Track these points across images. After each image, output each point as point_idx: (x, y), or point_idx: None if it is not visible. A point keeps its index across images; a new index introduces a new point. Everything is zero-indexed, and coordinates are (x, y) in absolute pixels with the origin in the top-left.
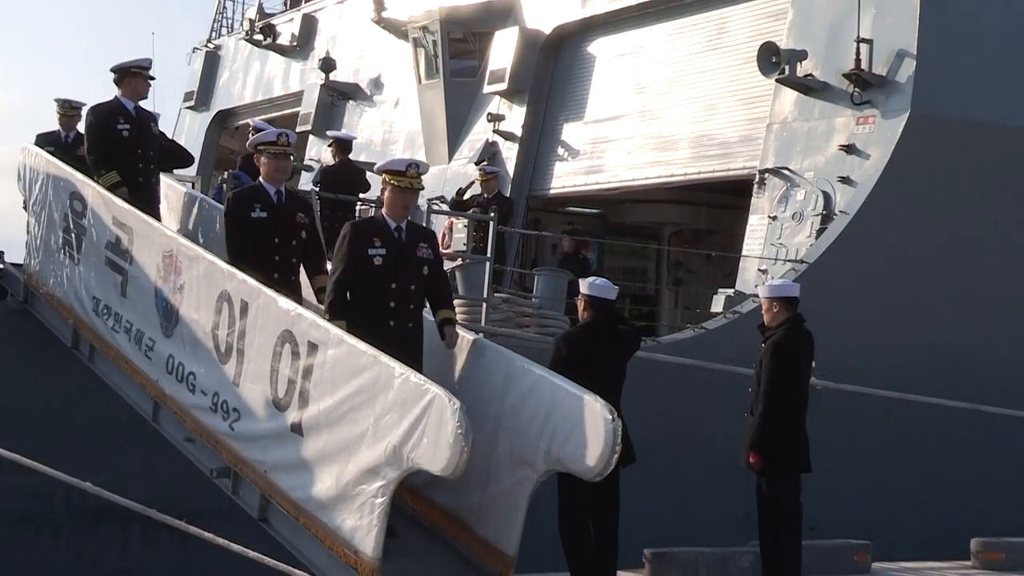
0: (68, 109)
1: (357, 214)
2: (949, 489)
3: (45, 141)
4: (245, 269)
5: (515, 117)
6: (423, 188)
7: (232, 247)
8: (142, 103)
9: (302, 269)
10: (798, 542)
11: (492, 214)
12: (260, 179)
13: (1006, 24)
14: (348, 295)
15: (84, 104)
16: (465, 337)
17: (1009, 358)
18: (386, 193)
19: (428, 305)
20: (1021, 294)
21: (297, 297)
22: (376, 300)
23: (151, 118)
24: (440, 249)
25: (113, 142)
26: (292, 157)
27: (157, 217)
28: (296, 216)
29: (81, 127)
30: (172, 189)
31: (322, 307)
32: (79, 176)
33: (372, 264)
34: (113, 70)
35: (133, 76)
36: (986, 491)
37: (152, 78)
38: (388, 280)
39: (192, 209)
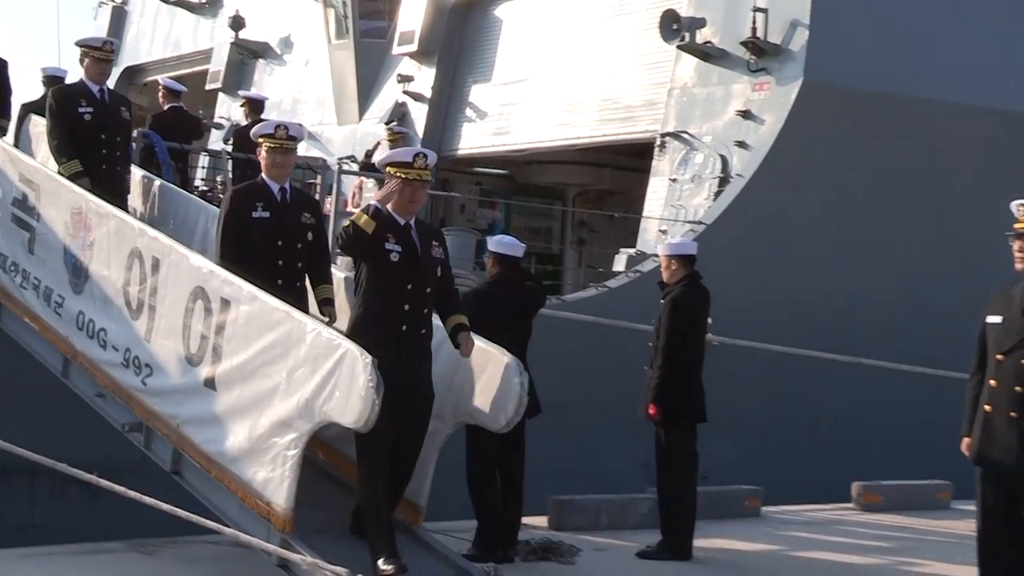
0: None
1: None
2: (832, 438)
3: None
4: (243, 275)
5: (424, 78)
6: (433, 180)
7: (226, 249)
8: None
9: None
10: (693, 489)
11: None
12: (261, 175)
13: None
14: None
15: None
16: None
17: (889, 315)
18: (392, 187)
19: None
20: (903, 255)
21: (304, 307)
22: (388, 300)
23: (122, 102)
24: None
25: (74, 126)
26: (295, 151)
27: (124, 208)
28: (302, 216)
29: None
30: (147, 179)
31: (324, 317)
32: None
33: (388, 261)
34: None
35: (88, 56)
36: (866, 439)
37: (108, 60)
38: (404, 281)
39: (167, 202)
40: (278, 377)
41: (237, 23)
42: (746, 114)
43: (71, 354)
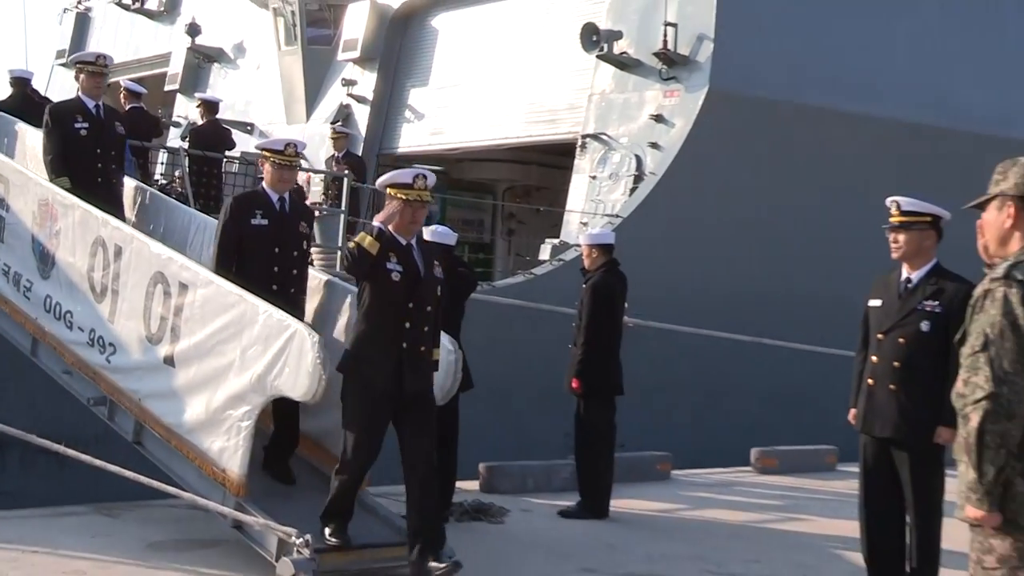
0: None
1: (223, 169)
2: (734, 409)
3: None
4: (240, 280)
5: (367, 82)
6: (433, 201)
7: (223, 255)
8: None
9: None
10: (610, 455)
11: (346, 171)
12: (263, 184)
13: (795, 13)
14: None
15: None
16: (319, 278)
17: (783, 299)
18: (393, 208)
19: None
20: (795, 245)
21: (300, 314)
22: (389, 319)
23: (116, 117)
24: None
25: (71, 141)
26: (299, 167)
27: (121, 218)
28: (299, 226)
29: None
30: (138, 190)
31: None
32: None
33: (390, 280)
34: (72, 62)
35: (83, 72)
36: (763, 410)
37: (102, 74)
38: (405, 300)
39: (159, 211)
40: (232, 355)
41: (193, 30)
42: (658, 118)
43: (39, 334)
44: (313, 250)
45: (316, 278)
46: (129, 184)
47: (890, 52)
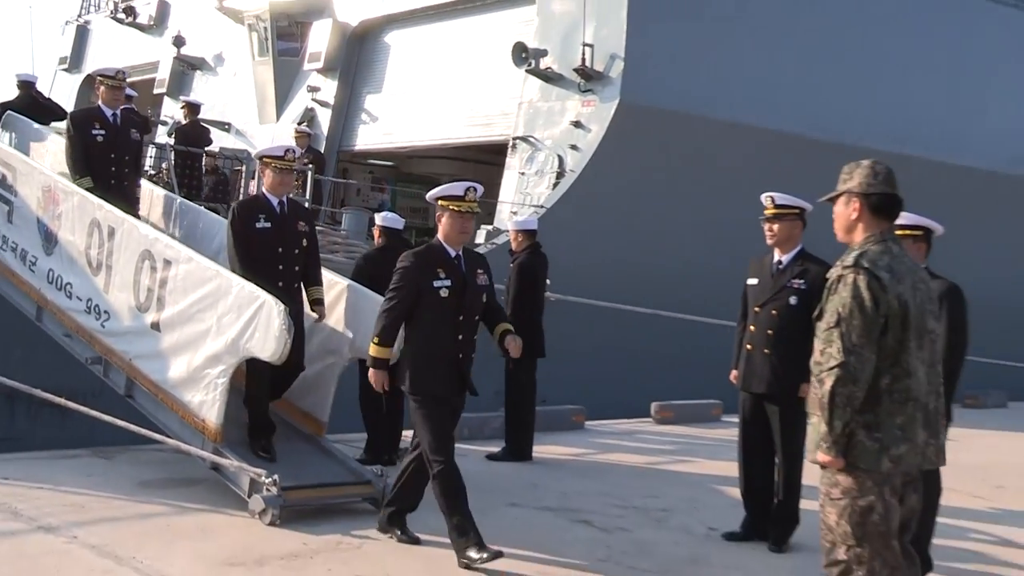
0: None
1: (203, 162)
2: (638, 369)
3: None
4: (251, 278)
5: (329, 89)
6: (480, 211)
7: (238, 256)
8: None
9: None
10: (533, 408)
11: (309, 165)
12: (263, 189)
13: (693, 38)
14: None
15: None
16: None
17: (679, 276)
18: (443, 219)
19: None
20: (691, 232)
21: (300, 307)
22: (443, 334)
23: (133, 124)
24: None
25: (89, 146)
26: (296, 171)
27: (136, 216)
28: (298, 225)
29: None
30: (153, 192)
31: (313, 315)
32: None
33: (439, 296)
34: (93, 75)
35: (103, 84)
36: (661, 370)
37: (120, 87)
38: (456, 313)
39: (171, 211)
40: (210, 321)
41: (179, 41)
42: (577, 124)
43: (43, 303)
44: None
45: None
46: (159, 192)
47: (770, 73)
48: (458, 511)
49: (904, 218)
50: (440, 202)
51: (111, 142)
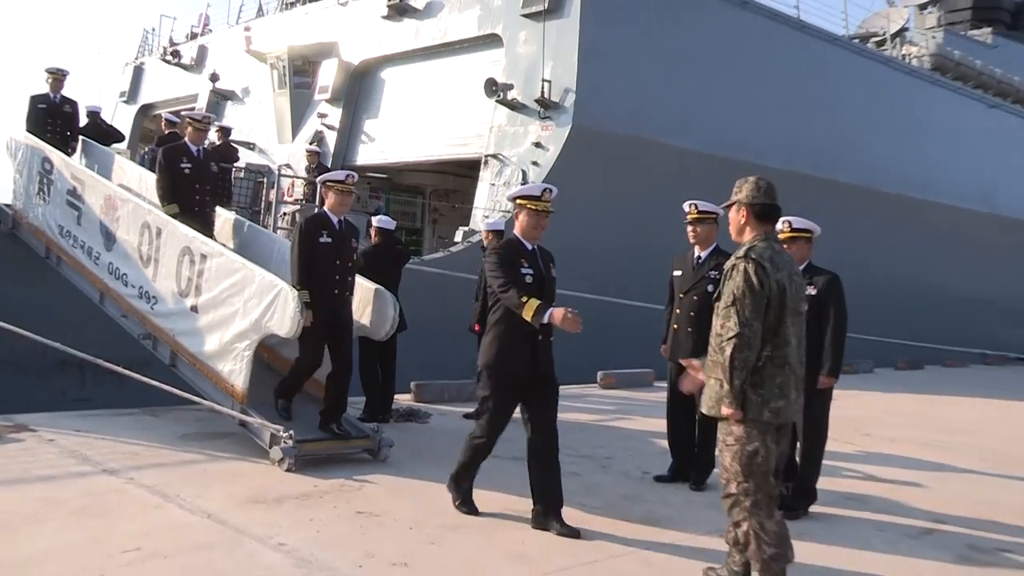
0: (58, 75)
1: (232, 175)
2: (588, 344)
3: (38, 100)
4: (311, 283)
5: (335, 115)
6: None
7: (302, 266)
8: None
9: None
10: None
11: (318, 177)
12: (325, 208)
13: (633, 74)
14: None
15: (67, 72)
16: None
17: (619, 269)
18: (520, 216)
19: None
20: (631, 231)
21: (349, 311)
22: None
23: (212, 158)
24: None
25: (177, 177)
26: (354, 193)
27: (211, 236)
28: (352, 242)
29: (66, 92)
30: (223, 216)
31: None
32: (47, 147)
33: (525, 283)
34: (183, 117)
35: (190, 125)
36: (607, 344)
37: (204, 129)
38: (538, 299)
39: (241, 231)
40: (237, 304)
41: (214, 77)
42: (538, 144)
43: (105, 290)
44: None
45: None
46: (228, 215)
47: (690, 104)
48: (468, 471)
49: (796, 223)
50: (518, 201)
51: (196, 174)
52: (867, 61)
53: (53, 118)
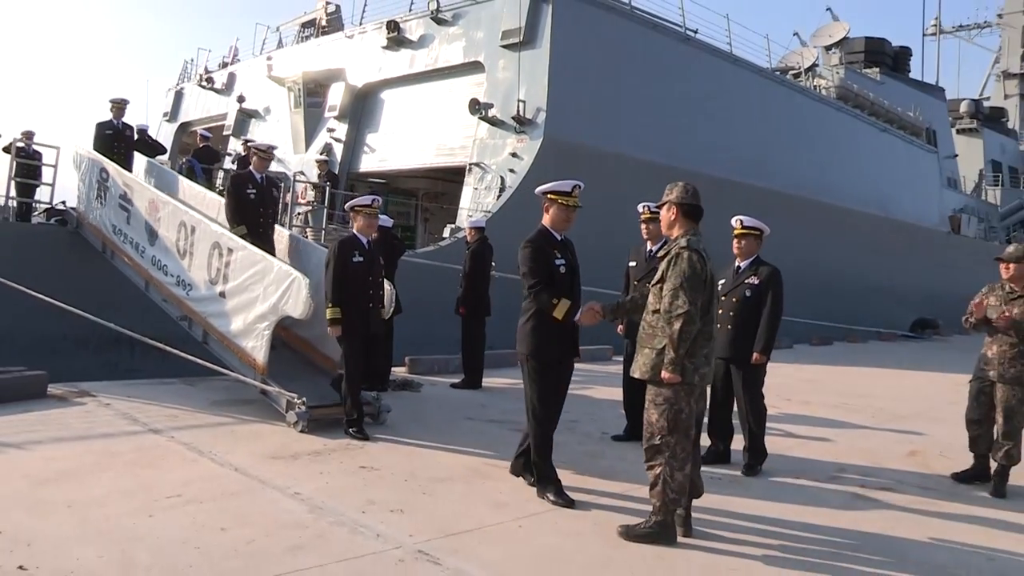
0: (120, 104)
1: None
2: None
3: (104, 127)
4: (346, 299)
5: (342, 130)
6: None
7: (336, 285)
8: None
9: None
10: (483, 351)
11: (327, 183)
12: (355, 231)
13: (595, 95)
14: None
15: (128, 101)
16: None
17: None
18: (551, 210)
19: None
20: (592, 229)
21: (380, 321)
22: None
23: (274, 184)
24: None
25: (243, 202)
26: (379, 215)
27: (273, 253)
28: (380, 260)
29: (127, 119)
30: (280, 234)
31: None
32: (105, 159)
33: (559, 274)
34: (249, 146)
35: (256, 155)
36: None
37: (269, 159)
38: (571, 288)
39: (296, 248)
40: (258, 291)
41: (241, 99)
42: (514, 154)
43: (149, 279)
44: (307, 230)
45: (308, 242)
46: (283, 231)
47: (646, 121)
48: (546, 462)
49: (747, 221)
50: (549, 196)
51: (260, 199)
52: (786, 89)
53: (118, 141)
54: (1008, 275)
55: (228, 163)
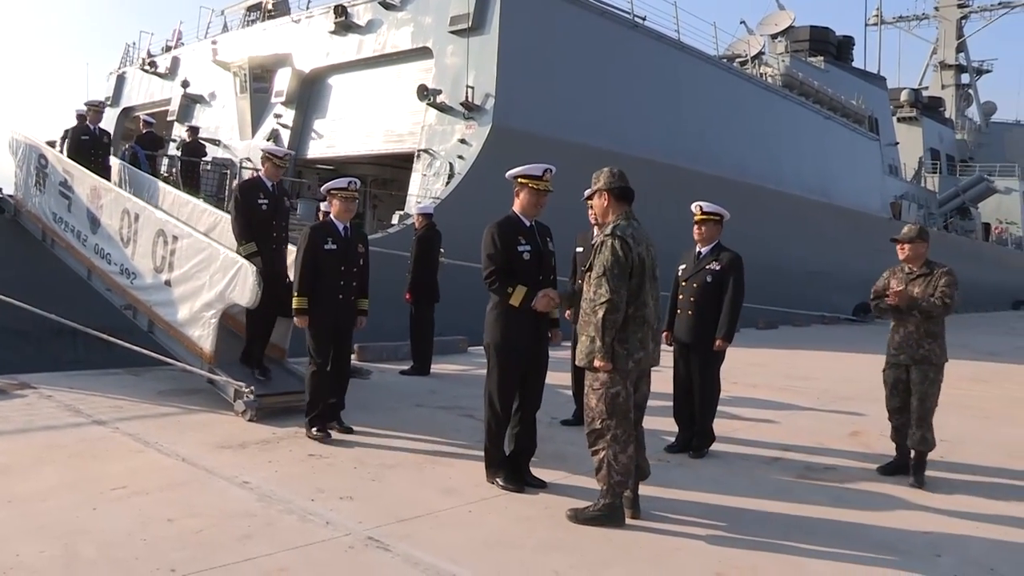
0: (98, 108)
1: (201, 169)
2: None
3: (81, 131)
4: (318, 288)
5: (289, 115)
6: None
7: (304, 273)
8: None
9: None
10: (431, 338)
11: None
12: (331, 216)
13: (545, 82)
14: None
15: (106, 104)
16: None
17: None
18: (521, 194)
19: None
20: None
21: (354, 315)
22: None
23: (285, 193)
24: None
25: (253, 213)
26: (357, 199)
27: (285, 273)
28: (358, 248)
29: (104, 124)
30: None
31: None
32: (43, 144)
33: (523, 260)
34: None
35: (269, 161)
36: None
37: (283, 167)
38: (536, 274)
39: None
40: (204, 278)
41: (185, 83)
42: (463, 141)
43: (92, 268)
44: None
45: None
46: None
47: (593, 108)
48: (497, 448)
49: (706, 207)
50: (519, 180)
51: (272, 209)
52: (733, 77)
53: (96, 148)
54: (904, 256)
55: (172, 149)
